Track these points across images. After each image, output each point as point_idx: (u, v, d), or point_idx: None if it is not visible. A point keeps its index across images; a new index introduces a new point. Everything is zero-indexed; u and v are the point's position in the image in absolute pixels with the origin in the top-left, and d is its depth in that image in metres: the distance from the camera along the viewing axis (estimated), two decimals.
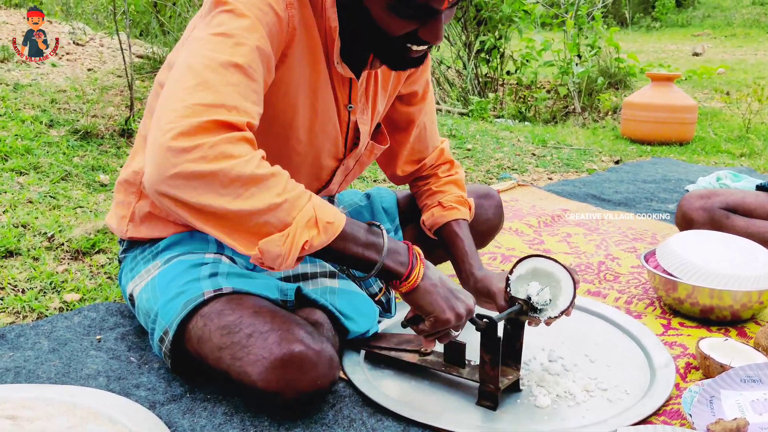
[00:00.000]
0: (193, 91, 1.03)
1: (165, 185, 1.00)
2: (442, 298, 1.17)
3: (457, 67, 6.63)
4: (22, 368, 1.33)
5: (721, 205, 2.05)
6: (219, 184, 1.00)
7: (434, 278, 1.18)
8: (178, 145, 0.99)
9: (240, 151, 1.01)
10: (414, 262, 1.16)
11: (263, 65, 1.13)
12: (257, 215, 1.02)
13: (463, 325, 1.21)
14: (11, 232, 1.92)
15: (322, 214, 1.05)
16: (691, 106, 4.56)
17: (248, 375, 1.14)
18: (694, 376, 1.38)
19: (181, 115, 1.00)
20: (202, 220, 1.04)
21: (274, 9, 1.15)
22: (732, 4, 16.59)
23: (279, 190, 1.03)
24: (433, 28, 1.16)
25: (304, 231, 1.03)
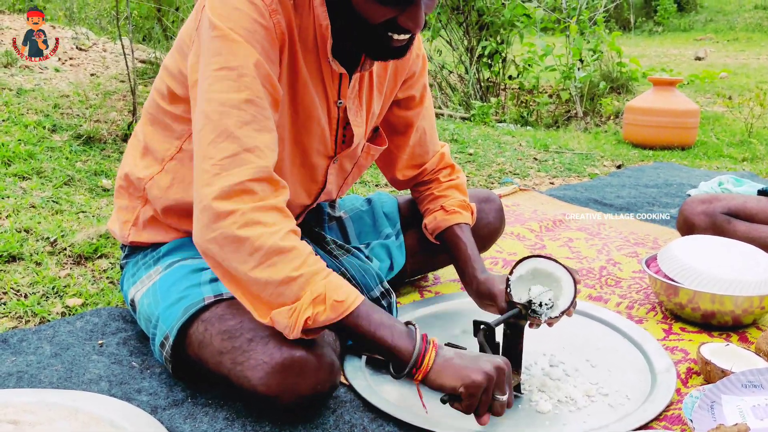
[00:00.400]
0: (215, 145, 1.13)
1: (205, 246, 1.12)
2: (464, 366, 1.11)
3: (459, 72, 6.64)
4: (24, 373, 1.34)
5: (722, 210, 2.05)
6: (246, 251, 1.08)
7: (448, 354, 1.14)
8: (217, 209, 1.10)
9: (270, 220, 1.10)
10: (426, 347, 1.13)
11: (267, 87, 1.18)
12: (273, 286, 1.08)
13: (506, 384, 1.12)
14: (14, 236, 1.93)
15: (333, 292, 1.09)
16: (693, 110, 4.56)
17: (249, 379, 1.15)
18: (695, 382, 1.38)
19: (213, 174, 1.11)
20: (228, 282, 1.14)
21: (260, 23, 1.18)
22: (734, 8, 16.58)
23: (297, 264, 1.09)
24: (412, 15, 1.17)
25: (309, 307, 1.08)
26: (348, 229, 1.74)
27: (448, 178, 1.69)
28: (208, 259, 1.13)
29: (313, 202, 1.52)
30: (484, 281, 1.49)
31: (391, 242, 1.72)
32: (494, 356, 1.15)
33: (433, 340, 1.15)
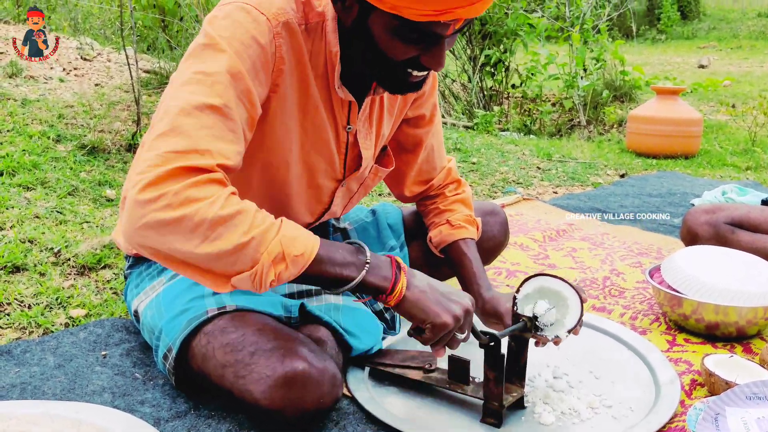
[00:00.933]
0: (165, 138, 1.05)
1: (137, 236, 1.03)
2: (434, 302, 1.15)
3: (462, 81, 6.66)
4: (27, 384, 1.34)
5: (726, 219, 2.05)
6: (186, 230, 1.01)
7: (422, 285, 1.17)
8: (144, 197, 1.01)
9: (205, 194, 1.02)
10: (397, 274, 1.14)
11: (243, 101, 1.13)
12: (225, 256, 1.03)
13: (467, 326, 1.18)
14: (18, 247, 1.93)
15: (290, 247, 1.05)
16: (697, 119, 4.56)
17: (251, 393, 1.15)
18: (699, 393, 1.38)
19: (152, 164, 1.03)
20: (175, 266, 1.06)
21: (258, 41, 1.15)
22: (738, 16, 16.61)
23: (245, 227, 1.03)
24: (435, 54, 1.16)
25: (270, 269, 1.04)
26: None
27: (454, 192, 1.69)
28: (144, 249, 1.05)
29: (315, 221, 1.52)
30: (489, 300, 1.49)
31: (396, 254, 1.71)
32: (464, 295, 1.19)
33: (402, 265, 1.16)
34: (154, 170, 1.02)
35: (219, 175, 1.05)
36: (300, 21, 1.21)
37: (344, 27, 1.22)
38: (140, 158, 1.06)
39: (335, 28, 1.24)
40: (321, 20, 1.24)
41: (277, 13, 1.18)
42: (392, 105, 1.49)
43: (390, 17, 1.10)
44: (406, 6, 1.06)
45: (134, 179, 1.03)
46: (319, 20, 1.24)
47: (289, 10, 1.20)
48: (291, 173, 1.35)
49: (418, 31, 1.11)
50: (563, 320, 1.29)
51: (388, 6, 1.07)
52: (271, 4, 1.18)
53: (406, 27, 1.11)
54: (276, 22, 1.17)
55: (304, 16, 1.22)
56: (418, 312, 1.14)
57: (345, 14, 1.18)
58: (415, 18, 1.07)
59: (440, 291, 1.17)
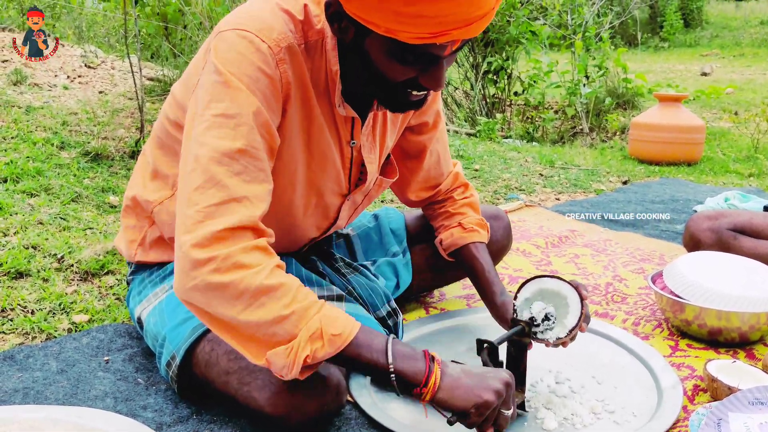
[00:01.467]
0: (203, 192, 1.09)
1: (186, 295, 1.08)
2: (473, 385, 1.10)
3: (464, 89, 6.67)
4: (30, 389, 1.34)
5: (728, 226, 2.04)
6: (231, 296, 1.05)
7: (456, 373, 1.12)
8: (195, 258, 1.05)
9: (252, 261, 1.06)
10: (431, 366, 1.11)
11: (265, 136, 1.15)
12: (265, 326, 1.05)
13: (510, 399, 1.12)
14: (21, 253, 1.94)
15: (329, 326, 1.06)
16: (699, 126, 4.56)
17: (256, 400, 1.15)
18: (702, 399, 1.38)
19: (196, 221, 1.07)
20: (217, 328, 1.10)
21: (264, 72, 1.15)
22: (740, 24, 16.61)
23: (287, 300, 1.05)
24: (434, 75, 1.14)
25: (307, 345, 1.05)
26: (355, 246, 1.75)
27: (463, 196, 1.69)
28: (191, 307, 1.10)
29: (321, 235, 1.52)
30: (500, 306, 1.50)
31: (398, 260, 1.72)
32: (499, 371, 1.15)
33: (436, 358, 1.13)
34: (200, 228, 1.06)
35: (264, 243, 1.09)
36: (299, 41, 1.20)
37: (344, 44, 1.21)
38: (182, 212, 1.10)
39: (335, 46, 1.22)
40: (320, 38, 1.22)
41: (278, 39, 1.16)
42: (396, 116, 1.48)
43: (386, 40, 1.09)
44: (401, 30, 1.04)
45: (182, 238, 1.07)
46: (319, 38, 1.22)
47: (289, 32, 1.18)
48: (297, 194, 1.35)
49: (414, 53, 1.10)
50: (563, 320, 1.29)
51: (383, 30, 1.06)
52: (271, 28, 1.16)
53: (403, 49, 1.09)
54: (278, 49, 1.16)
55: (303, 35, 1.21)
56: (458, 399, 1.09)
57: (342, 35, 1.17)
58: (410, 41, 1.06)
59: (475, 373, 1.13)
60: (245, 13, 1.18)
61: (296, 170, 1.31)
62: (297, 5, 1.21)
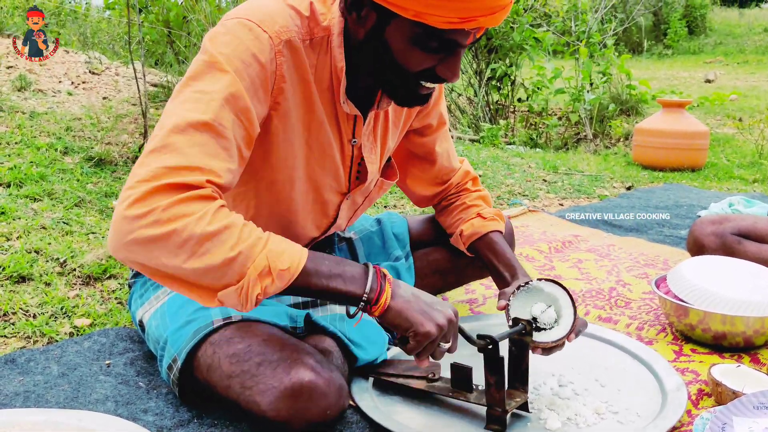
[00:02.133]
0: (157, 155, 1.05)
1: (123, 251, 1.03)
2: (418, 311, 1.14)
3: (468, 95, 6.67)
4: (31, 393, 1.34)
5: (732, 230, 2.03)
6: (174, 246, 1.01)
7: (407, 295, 1.16)
8: (132, 213, 1.01)
9: (193, 209, 1.02)
10: (382, 284, 1.14)
11: (241, 119, 1.13)
12: (213, 271, 1.03)
13: (451, 335, 1.18)
14: (24, 257, 1.94)
15: (276, 261, 1.05)
16: (703, 132, 4.55)
17: (257, 404, 1.14)
18: (706, 403, 1.37)
19: (141, 179, 1.03)
20: (162, 280, 1.07)
21: (258, 59, 1.15)
22: (744, 31, 16.60)
23: (233, 242, 1.03)
24: (451, 65, 1.17)
25: (257, 283, 1.04)
26: (357, 251, 1.74)
27: (475, 188, 1.71)
28: (131, 263, 1.06)
29: (321, 234, 1.52)
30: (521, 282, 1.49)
31: (401, 264, 1.71)
32: (449, 306, 1.19)
33: (388, 276, 1.16)
34: (143, 185, 1.02)
35: (207, 191, 1.05)
36: (304, 36, 1.21)
37: (352, 40, 1.22)
38: (133, 172, 1.06)
39: (341, 43, 1.23)
40: (326, 35, 1.23)
41: (280, 31, 1.17)
42: (397, 117, 1.49)
43: (412, 25, 1.11)
44: (431, 13, 1.07)
45: (123, 194, 1.04)
46: (324, 35, 1.23)
47: (293, 26, 1.19)
48: (296, 190, 1.35)
49: (439, 39, 1.12)
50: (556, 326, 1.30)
51: (412, 13, 1.08)
52: (274, 20, 1.17)
53: (428, 35, 1.12)
54: (278, 40, 1.17)
55: (308, 31, 1.22)
56: (402, 321, 1.14)
57: (358, 25, 1.18)
58: (439, 25, 1.08)
59: (424, 300, 1.17)
60: (252, 5, 1.20)
61: (295, 166, 1.32)
62: (303, 3, 1.23)
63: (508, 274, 1.54)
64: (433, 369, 1.36)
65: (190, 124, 1.07)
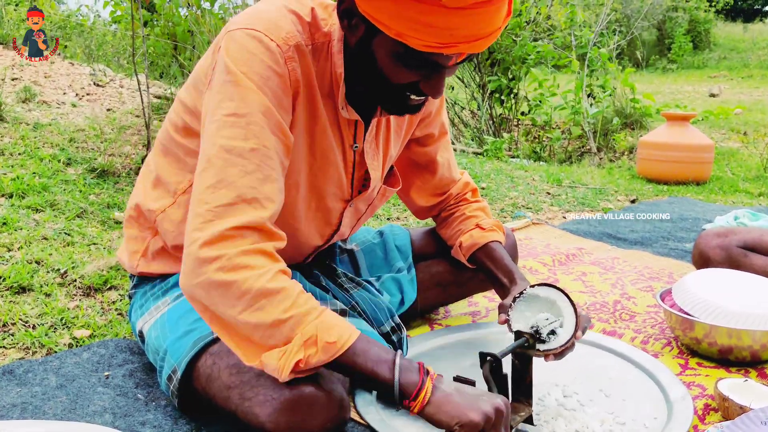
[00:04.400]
0: (214, 191, 1.11)
1: (191, 291, 1.10)
2: (461, 403, 1.09)
3: (471, 108, 6.68)
4: (28, 404, 1.32)
5: (738, 243, 2.01)
6: (233, 295, 1.06)
7: (448, 389, 1.12)
8: (204, 255, 1.07)
9: (257, 263, 1.08)
10: (424, 379, 1.11)
11: (278, 134, 1.17)
12: (262, 329, 1.07)
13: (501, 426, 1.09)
14: (25, 268, 1.93)
15: (325, 333, 1.07)
16: (708, 145, 4.54)
17: (256, 416, 1.13)
18: (713, 418, 1.34)
19: (206, 219, 1.09)
20: (216, 326, 1.12)
21: (275, 70, 1.16)
22: (748, 45, 16.64)
23: (287, 305, 1.07)
24: (434, 82, 1.18)
25: (300, 350, 1.06)
26: (359, 262, 1.73)
27: (474, 198, 1.70)
28: (195, 303, 1.12)
29: (325, 243, 1.50)
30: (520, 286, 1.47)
31: (403, 276, 1.70)
32: (496, 396, 1.13)
33: (431, 372, 1.13)
34: (210, 227, 1.08)
35: (270, 247, 1.11)
36: (307, 42, 1.22)
37: (349, 46, 1.23)
38: (193, 211, 1.12)
39: (341, 49, 1.24)
40: (327, 40, 1.25)
41: (287, 38, 1.19)
42: (399, 125, 1.49)
43: (394, 42, 1.12)
44: (411, 36, 1.08)
45: (192, 235, 1.10)
46: (325, 40, 1.25)
47: (297, 32, 1.21)
48: (299, 196, 1.35)
49: (420, 59, 1.13)
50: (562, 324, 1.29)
51: (394, 33, 1.09)
52: (280, 28, 1.19)
53: (409, 54, 1.13)
54: (286, 47, 1.18)
55: (310, 37, 1.23)
56: (443, 415, 1.09)
57: (350, 33, 1.19)
58: (418, 47, 1.09)
59: (469, 393, 1.12)
60: (254, 13, 1.21)
61: (299, 171, 1.32)
62: (305, 8, 1.24)
63: (507, 279, 1.52)
64: None
65: (238, 153, 1.12)
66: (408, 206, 1.74)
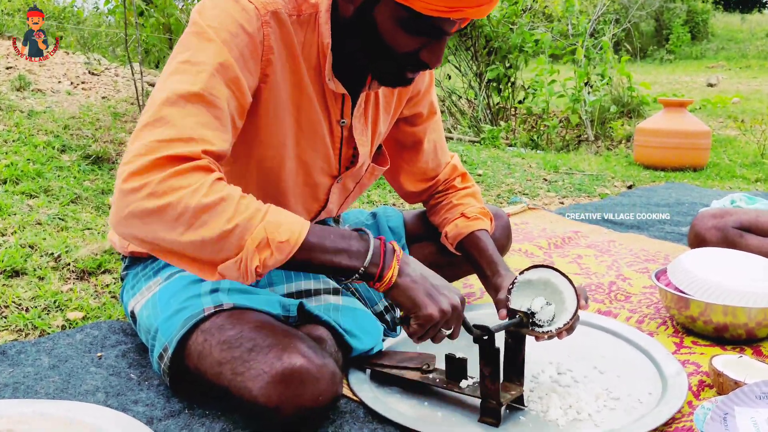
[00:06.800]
0: (150, 129, 1.05)
1: (122, 226, 1.04)
2: (424, 293, 1.14)
3: (468, 97, 6.66)
4: (20, 384, 1.32)
5: (734, 224, 2.01)
6: (170, 219, 1.01)
7: (415, 274, 1.15)
8: (128, 186, 1.01)
9: (189, 182, 1.02)
10: (388, 260, 1.13)
11: (232, 89, 1.13)
12: (210, 244, 1.03)
13: (454, 321, 1.17)
14: (18, 252, 1.92)
15: (275, 233, 1.04)
16: (705, 131, 4.53)
17: (248, 390, 1.12)
18: (708, 394, 1.34)
19: (137, 154, 1.03)
20: (162, 254, 1.07)
21: (245, 29, 1.15)
22: (746, 36, 16.61)
23: (229, 214, 1.03)
24: (435, 50, 1.17)
25: (255, 255, 1.03)
26: None
27: (463, 185, 1.68)
28: (129, 238, 1.06)
29: (312, 220, 1.50)
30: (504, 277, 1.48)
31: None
32: (454, 290, 1.17)
33: (398, 251, 1.15)
34: (139, 160, 1.02)
35: (204, 162, 1.05)
36: (291, 12, 1.21)
37: (339, 18, 1.22)
38: (128, 148, 1.06)
39: (328, 20, 1.23)
40: (314, 11, 1.23)
41: (266, 2, 1.18)
42: (388, 103, 1.48)
43: (399, 8, 1.11)
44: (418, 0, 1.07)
45: (120, 169, 1.04)
46: (312, 11, 1.23)
47: (280, 0, 1.20)
48: (286, 169, 1.33)
49: (424, 24, 1.12)
50: (560, 313, 1.27)
51: None
52: None
53: (414, 19, 1.12)
54: (264, 11, 1.17)
55: (296, 7, 1.22)
56: (405, 300, 1.14)
57: (348, 1, 1.18)
58: (426, 12, 1.09)
59: (432, 283, 1.16)
60: None
61: (285, 144, 1.30)
62: None
63: (489, 271, 1.52)
64: (427, 360, 1.34)
65: (182, 95, 1.07)
66: (397, 191, 1.73)
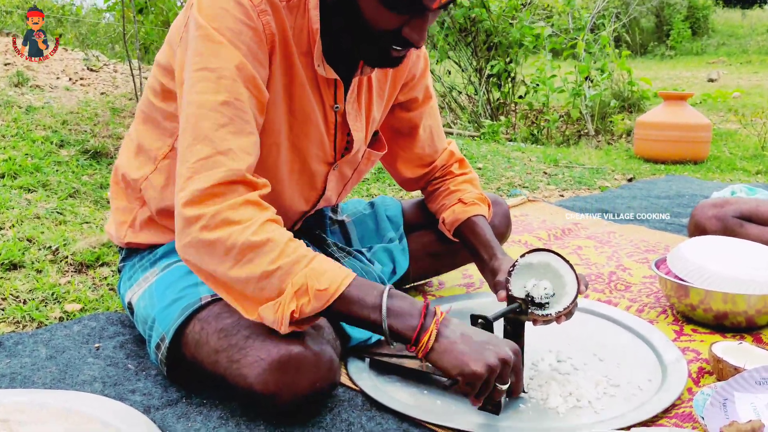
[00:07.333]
0: (191, 148, 1.11)
1: (182, 252, 1.12)
2: (465, 352, 1.08)
3: (468, 93, 6.65)
4: (17, 374, 1.31)
5: (734, 213, 2.00)
6: (220, 253, 1.07)
7: (453, 335, 1.10)
8: (186, 215, 1.08)
9: (241, 217, 1.07)
10: (427, 323, 1.10)
11: (251, 89, 1.16)
12: (253, 282, 1.06)
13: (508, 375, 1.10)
14: (16, 245, 1.92)
15: (315, 281, 1.06)
16: (705, 124, 4.52)
17: (245, 377, 1.11)
18: (707, 381, 1.33)
19: (186, 177, 1.10)
20: (211, 284, 1.13)
21: (247, 24, 1.15)
22: (747, 32, 16.56)
23: (274, 255, 1.06)
24: (417, 27, 1.16)
25: (293, 300, 1.06)
26: (350, 233, 1.72)
27: (461, 171, 1.67)
28: (189, 264, 1.13)
29: (311, 208, 1.49)
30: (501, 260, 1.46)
31: (394, 246, 1.68)
32: (504, 342, 1.11)
33: (437, 316, 1.11)
34: (189, 185, 1.09)
35: (255, 197, 1.10)
36: None
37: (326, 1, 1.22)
38: (177, 171, 1.12)
39: (317, 5, 1.23)
40: None
41: None
42: (381, 88, 1.47)
43: None
44: None
45: (177, 197, 1.11)
46: None
47: None
48: (281, 158, 1.33)
49: (405, 1, 1.11)
50: (560, 297, 1.26)
51: None
52: None
53: None
54: (258, 1, 1.17)
55: None
56: (446, 363, 1.08)
57: None
58: None
59: (474, 340, 1.10)
60: None
61: (280, 131, 1.30)
62: None
63: (486, 255, 1.51)
64: None
65: (210, 107, 1.11)
66: (394, 178, 1.72)
